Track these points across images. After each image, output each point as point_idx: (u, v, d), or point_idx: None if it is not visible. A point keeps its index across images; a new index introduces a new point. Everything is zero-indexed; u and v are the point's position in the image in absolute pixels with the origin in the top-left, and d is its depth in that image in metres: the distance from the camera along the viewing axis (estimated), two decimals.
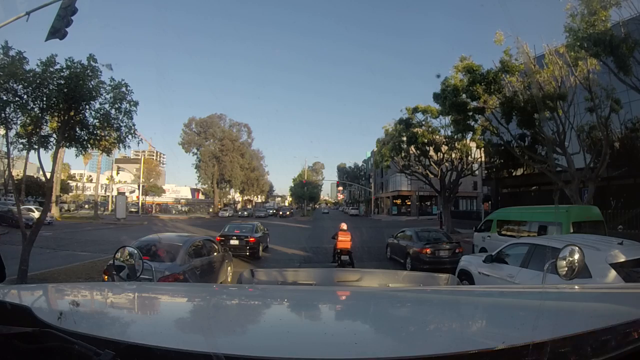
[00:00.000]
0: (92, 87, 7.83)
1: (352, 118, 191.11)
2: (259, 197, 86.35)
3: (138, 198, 49.14)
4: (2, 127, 7.82)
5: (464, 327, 1.30)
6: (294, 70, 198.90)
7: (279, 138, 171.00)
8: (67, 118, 7.92)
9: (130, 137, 8.60)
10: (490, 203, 24.77)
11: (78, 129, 8.23)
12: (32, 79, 7.30)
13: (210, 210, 53.87)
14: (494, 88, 16.13)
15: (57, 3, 9.58)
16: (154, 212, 52.85)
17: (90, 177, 66.61)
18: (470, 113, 17.77)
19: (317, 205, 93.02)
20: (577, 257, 1.88)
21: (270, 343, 1.04)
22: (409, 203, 52.72)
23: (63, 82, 7.52)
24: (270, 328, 1.23)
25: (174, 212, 57.77)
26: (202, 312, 1.53)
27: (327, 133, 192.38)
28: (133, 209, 46.87)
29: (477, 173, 31.43)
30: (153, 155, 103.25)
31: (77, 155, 8.95)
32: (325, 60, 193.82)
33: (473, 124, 19.05)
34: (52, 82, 7.50)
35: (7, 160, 8.68)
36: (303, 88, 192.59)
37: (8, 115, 7.48)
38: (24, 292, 1.57)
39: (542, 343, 0.87)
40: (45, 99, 7.52)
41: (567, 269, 1.88)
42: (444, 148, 24.44)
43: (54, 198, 27.64)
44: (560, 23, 13.79)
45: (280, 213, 55.25)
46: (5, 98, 7.34)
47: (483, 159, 27.14)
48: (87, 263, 10.89)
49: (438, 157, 24.91)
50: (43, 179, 9.02)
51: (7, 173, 13.75)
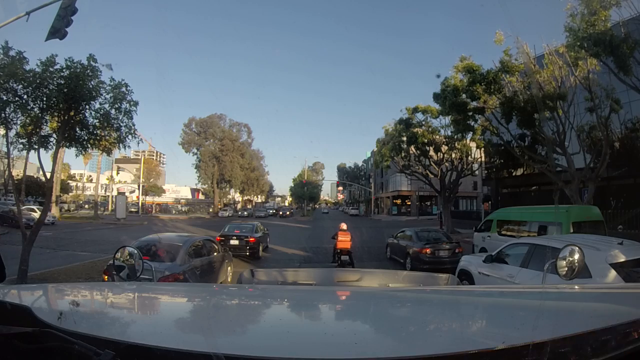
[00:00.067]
0: (92, 87, 7.84)
1: (352, 118, 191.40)
2: (259, 197, 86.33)
3: (138, 198, 49.17)
4: (2, 127, 7.82)
5: (464, 327, 1.29)
6: (294, 70, 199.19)
7: (279, 138, 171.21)
8: (67, 118, 7.92)
9: (130, 137, 8.62)
10: (490, 203, 24.76)
11: (78, 129, 8.23)
12: (32, 79, 7.29)
13: (210, 210, 53.85)
14: (494, 88, 16.12)
15: (57, 3, 9.59)
16: (154, 212, 52.83)
17: (90, 177, 66.62)
18: (470, 113, 17.77)
19: (317, 205, 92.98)
20: (577, 257, 1.88)
21: (270, 343, 1.04)
22: (409, 203, 52.72)
23: (63, 82, 7.51)
24: (270, 328, 1.23)
25: (174, 212, 57.77)
26: (202, 312, 1.53)
27: (327, 133, 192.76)
28: (133, 209, 46.88)
29: (477, 173, 31.42)
30: (153, 155, 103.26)
31: (77, 155, 8.97)
32: (325, 60, 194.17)
33: (473, 124, 19.05)
34: (52, 82, 7.49)
35: (7, 160, 8.68)
36: (303, 88, 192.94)
37: (8, 115, 7.49)
38: (24, 292, 1.57)
39: (542, 343, 0.87)
40: (45, 99, 7.52)
41: (567, 269, 1.88)
42: (444, 148, 24.44)
43: (54, 198, 27.63)
44: (560, 23, 13.84)
45: (280, 213, 55.25)
46: (5, 98, 7.34)
47: (483, 159, 27.14)
48: (87, 263, 10.89)
49: (438, 157, 24.91)
50: (43, 179, 9.02)
51: (7, 173, 13.73)
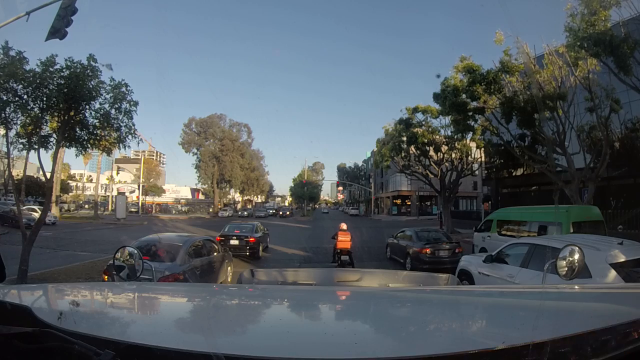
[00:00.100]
0: (92, 87, 7.83)
1: (352, 118, 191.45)
2: (259, 197, 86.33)
3: (138, 198, 49.17)
4: (2, 127, 7.81)
5: (464, 327, 1.29)
6: (294, 70, 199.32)
7: (279, 138, 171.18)
8: (67, 118, 7.92)
9: (130, 137, 8.61)
10: (490, 203, 24.78)
11: (78, 129, 8.22)
12: (32, 79, 7.29)
13: (210, 210, 53.84)
14: (494, 88, 16.12)
15: (57, 3, 9.59)
16: (154, 212, 52.83)
17: (90, 177, 66.62)
18: (470, 113, 17.77)
19: (317, 205, 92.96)
20: (577, 257, 1.88)
21: (270, 343, 1.04)
22: (409, 203, 52.71)
23: (63, 82, 7.51)
24: (270, 328, 1.23)
25: (174, 212, 57.78)
26: (202, 312, 1.53)
27: (327, 133, 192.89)
28: (133, 209, 46.90)
29: (477, 173, 31.42)
30: (153, 155, 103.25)
31: (77, 155, 8.96)
32: (325, 60, 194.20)
33: (473, 124, 19.05)
34: (52, 82, 7.49)
35: (7, 160, 8.68)
36: (303, 88, 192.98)
37: (8, 115, 7.48)
38: (24, 292, 1.57)
39: (542, 343, 0.87)
40: (45, 99, 7.51)
41: (567, 269, 1.87)
42: (444, 148, 24.44)
43: (54, 198, 27.63)
44: (560, 23, 13.86)
45: (280, 213, 55.23)
46: (5, 98, 7.33)
47: (483, 159, 27.13)
48: (87, 263, 10.89)
49: (438, 157, 24.91)
50: (43, 179, 9.02)
51: (7, 173, 13.73)
